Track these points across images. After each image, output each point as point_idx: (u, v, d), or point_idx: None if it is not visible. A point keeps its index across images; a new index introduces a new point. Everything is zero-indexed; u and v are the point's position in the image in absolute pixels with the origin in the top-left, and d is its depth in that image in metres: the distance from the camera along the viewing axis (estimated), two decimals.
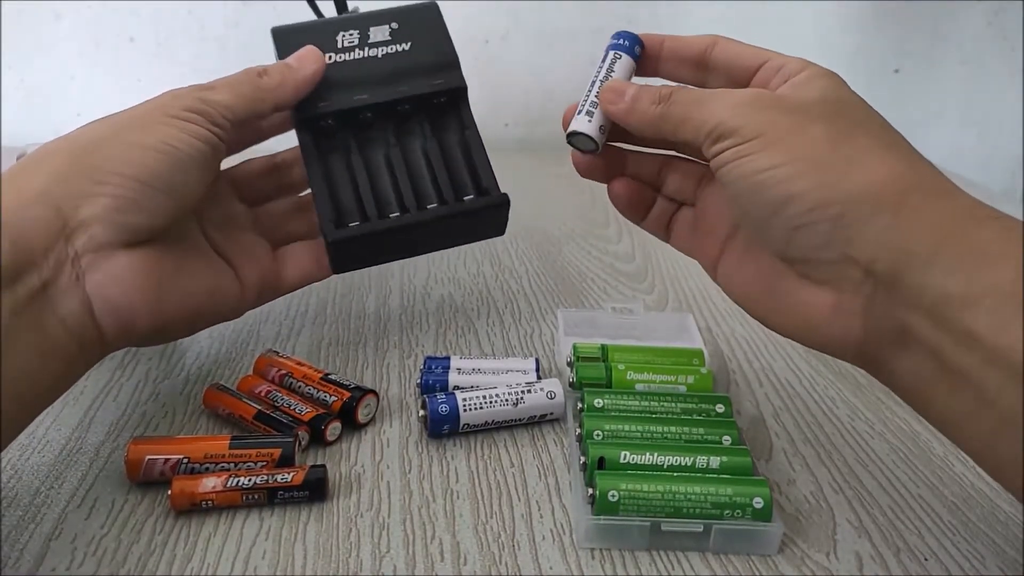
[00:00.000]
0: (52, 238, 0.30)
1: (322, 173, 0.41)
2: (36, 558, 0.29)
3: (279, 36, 0.42)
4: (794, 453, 0.37)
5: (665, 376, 0.39)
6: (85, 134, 0.33)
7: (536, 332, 0.47)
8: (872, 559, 0.31)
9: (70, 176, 0.31)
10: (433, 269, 0.56)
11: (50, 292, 0.29)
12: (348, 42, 0.41)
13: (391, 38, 0.41)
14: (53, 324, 0.29)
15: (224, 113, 0.35)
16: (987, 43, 0.92)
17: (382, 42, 0.41)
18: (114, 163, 0.31)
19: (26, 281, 0.29)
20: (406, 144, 0.42)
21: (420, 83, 0.41)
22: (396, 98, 0.41)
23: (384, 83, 0.41)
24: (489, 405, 0.37)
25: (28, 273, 0.29)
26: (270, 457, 0.33)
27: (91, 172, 0.31)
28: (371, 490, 0.34)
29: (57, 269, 0.30)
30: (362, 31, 0.41)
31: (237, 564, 0.29)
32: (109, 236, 0.31)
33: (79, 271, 0.30)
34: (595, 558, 0.30)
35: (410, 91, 0.41)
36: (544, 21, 0.86)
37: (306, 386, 0.38)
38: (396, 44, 0.41)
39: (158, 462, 0.33)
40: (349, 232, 0.39)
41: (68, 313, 0.30)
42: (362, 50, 0.41)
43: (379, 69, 0.41)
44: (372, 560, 0.30)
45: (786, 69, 0.31)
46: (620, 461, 0.32)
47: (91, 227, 0.30)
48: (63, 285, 0.30)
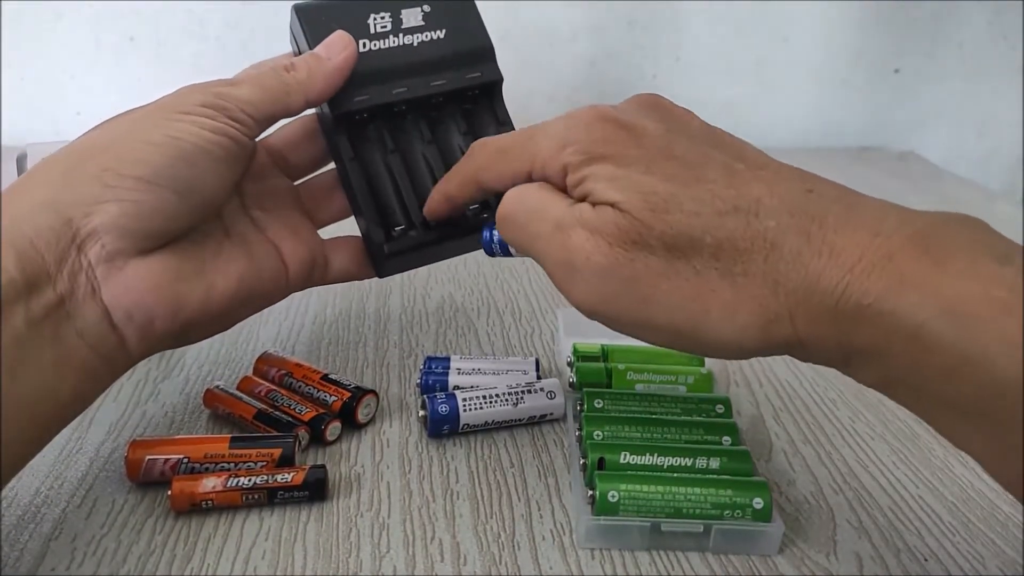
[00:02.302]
0: (64, 248, 0.28)
1: (362, 173, 0.38)
2: (36, 558, 0.29)
3: (304, 14, 0.37)
4: (794, 454, 0.37)
5: (665, 376, 0.39)
6: (93, 136, 0.31)
7: (536, 332, 0.47)
8: (872, 559, 0.31)
9: (77, 181, 0.29)
10: (433, 269, 0.56)
11: (68, 305, 0.28)
12: (381, 27, 0.38)
13: (424, 23, 0.38)
14: (72, 337, 0.28)
15: (244, 108, 0.32)
16: (987, 43, 0.92)
17: (416, 28, 0.38)
18: (121, 164, 0.29)
19: (41, 294, 0.27)
20: (442, 140, 0.40)
21: (457, 75, 0.39)
22: (435, 92, 0.38)
23: (421, 74, 0.38)
24: (489, 405, 0.37)
25: (43, 286, 0.27)
26: (270, 457, 0.33)
27: (98, 176, 0.29)
28: (371, 490, 0.34)
29: (72, 281, 0.28)
30: (394, 14, 0.38)
31: (237, 564, 0.29)
32: (121, 244, 0.29)
33: (94, 282, 0.29)
34: (595, 558, 0.30)
35: (448, 84, 0.38)
36: (544, 21, 0.86)
37: (306, 386, 0.38)
38: (430, 31, 0.39)
39: (158, 462, 0.33)
40: (405, 242, 0.37)
41: (87, 325, 0.29)
42: (396, 37, 0.38)
43: (415, 59, 0.38)
44: (372, 560, 0.30)
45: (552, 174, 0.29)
46: (620, 462, 0.32)
47: (102, 236, 0.29)
48: (80, 297, 0.28)
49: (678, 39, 0.89)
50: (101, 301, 0.29)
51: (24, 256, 0.27)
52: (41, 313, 0.27)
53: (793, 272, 0.24)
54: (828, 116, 0.94)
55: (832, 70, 0.92)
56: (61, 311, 0.28)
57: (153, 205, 0.30)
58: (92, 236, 0.29)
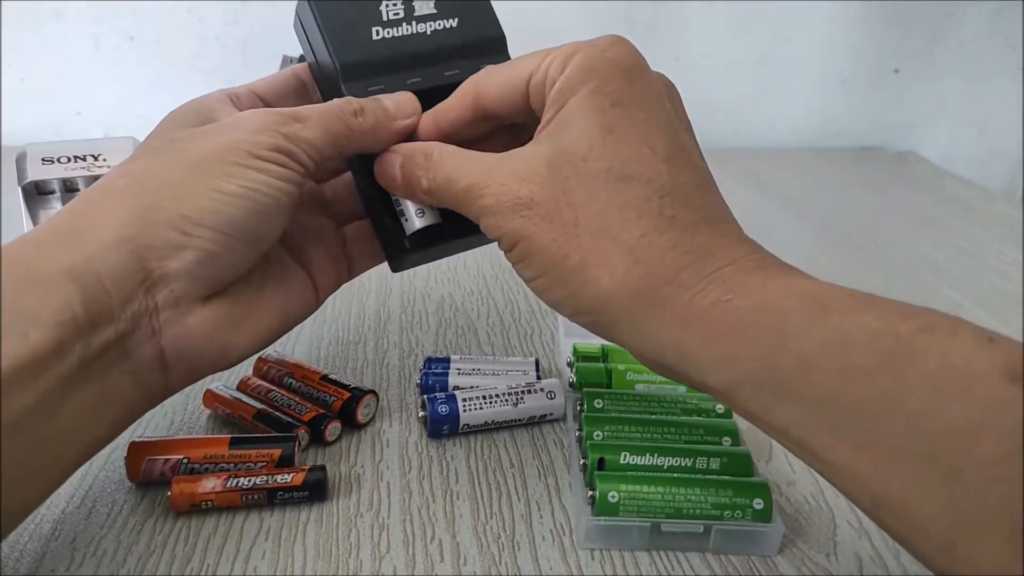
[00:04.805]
0: (132, 289, 0.27)
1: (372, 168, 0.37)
2: (36, 559, 0.29)
3: (317, 6, 0.36)
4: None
5: None
6: (162, 171, 0.29)
7: (536, 332, 0.47)
8: (872, 560, 0.31)
9: (154, 225, 0.28)
10: (433, 269, 0.56)
11: (125, 344, 0.28)
12: (393, 15, 0.37)
13: (437, 11, 0.38)
14: (120, 375, 0.28)
15: (311, 153, 0.31)
16: (987, 43, 0.92)
17: (428, 16, 0.38)
18: (200, 214, 0.28)
19: (101, 333, 0.27)
20: None
21: (471, 65, 0.38)
22: (449, 83, 0.37)
23: (435, 64, 0.38)
24: (489, 405, 0.37)
25: (104, 325, 0.27)
26: (270, 457, 0.33)
27: (177, 221, 0.28)
28: (371, 490, 0.33)
29: (135, 322, 0.28)
30: (406, 2, 0.38)
31: (237, 564, 0.29)
32: (190, 291, 0.29)
33: (156, 326, 0.28)
34: (595, 559, 0.30)
35: (462, 74, 0.37)
36: (545, 21, 0.86)
37: (306, 386, 0.38)
38: (443, 19, 0.38)
39: (158, 462, 0.33)
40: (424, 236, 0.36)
41: (139, 366, 0.28)
42: (409, 25, 0.37)
43: (428, 48, 0.38)
44: (372, 560, 0.30)
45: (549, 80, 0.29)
46: (620, 462, 0.32)
47: (172, 282, 0.28)
48: (139, 338, 0.28)
49: (678, 39, 0.89)
50: (159, 344, 0.29)
51: (90, 293, 0.26)
52: (97, 351, 0.27)
53: None
54: (828, 116, 0.94)
55: (832, 70, 0.92)
56: (117, 350, 0.27)
57: (226, 255, 0.29)
58: (163, 281, 0.28)
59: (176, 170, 0.29)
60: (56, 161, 0.45)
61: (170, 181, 0.29)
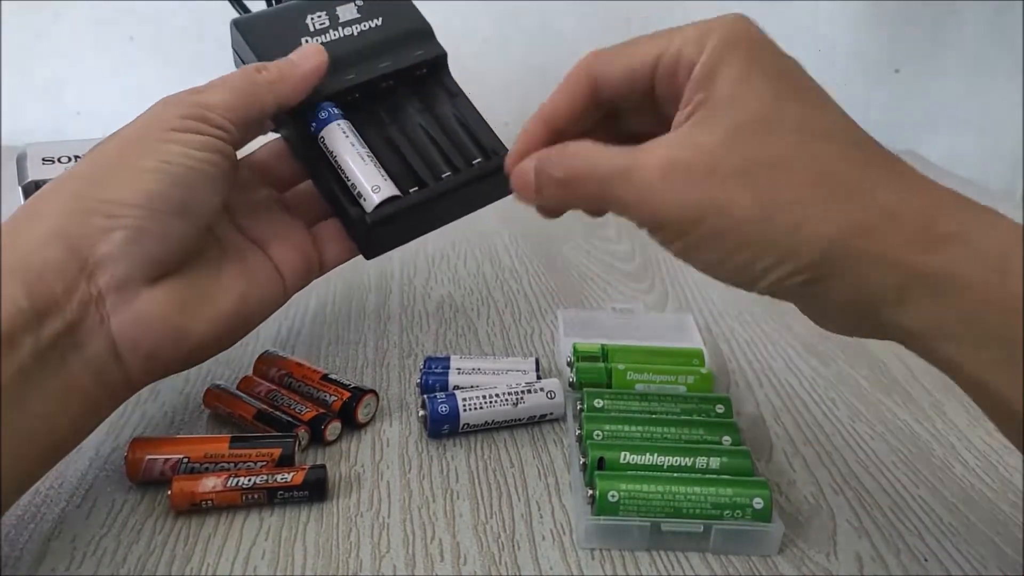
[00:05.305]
0: (73, 278, 0.28)
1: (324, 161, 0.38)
2: (36, 558, 0.29)
3: (244, 27, 0.39)
4: (794, 454, 0.37)
5: (665, 376, 0.39)
6: (89, 164, 0.31)
7: (536, 332, 0.47)
8: (872, 560, 0.31)
9: (80, 212, 0.29)
10: (433, 269, 0.56)
11: (76, 335, 0.28)
12: (319, 24, 0.40)
13: (361, 15, 0.41)
14: (77, 367, 0.28)
15: (224, 114, 0.33)
16: (987, 43, 0.92)
17: (353, 20, 0.40)
18: (122, 193, 0.30)
19: (49, 324, 0.27)
20: (401, 120, 0.41)
21: (402, 56, 0.41)
22: (384, 74, 0.40)
23: (367, 60, 0.40)
24: (489, 405, 0.37)
25: (51, 316, 0.28)
26: (270, 457, 0.33)
27: (101, 206, 0.29)
28: (371, 490, 0.34)
29: (82, 311, 0.28)
30: (329, 11, 0.40)
31: (237, 564, 0.29)
32: (130, 271, 0.29)
33: (104, 312, 0.29)
34: (595, 558, 0.30)
35: (395, 65, 0.40)
36: (544, 22, 0.86)
37: (306, 386, 0.38)
38: (368, 21, 0.41)
39: (158, 462, 0.33)
40: (386, 210, 0.37)
41: (93, 355, 0.29)
42: (336, 30, 0.40)
43: (358, 47, 0.40)
44: (372, 560, 0.30)
45: (685, 61, 0.28)
46: (620, 462, 0.32)
47: (111, 264, 0.29)
48: (88, 327, 0.29)
49: None
50: (109, 331, 0.29)
51: (33, 287, 0.27)
52: (49, 342, 0.27)
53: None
54: None
55: (832, 70, 0.92)
56: (69, 340, 0.28)
57: (156, 230, 0.30)
58: (100, 265, 0.29)
59: (104, 159, 0.31)
60: (56, 161, 0.45)
61: (95, 171, 0.31)
